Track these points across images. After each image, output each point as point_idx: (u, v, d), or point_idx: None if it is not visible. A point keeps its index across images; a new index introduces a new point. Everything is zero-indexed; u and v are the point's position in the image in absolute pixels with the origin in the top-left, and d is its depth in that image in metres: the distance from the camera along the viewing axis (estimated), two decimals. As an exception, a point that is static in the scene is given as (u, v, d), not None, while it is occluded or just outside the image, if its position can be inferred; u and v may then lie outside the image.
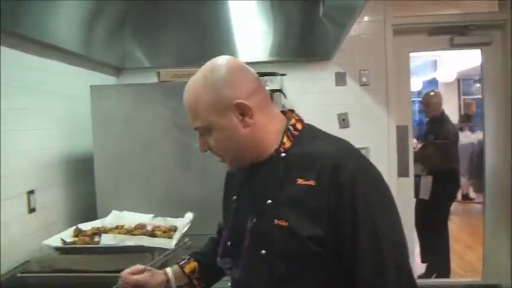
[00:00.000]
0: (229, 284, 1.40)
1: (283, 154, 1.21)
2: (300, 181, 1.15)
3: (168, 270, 1.50)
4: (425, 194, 4.39)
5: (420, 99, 6.73)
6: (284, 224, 1.15)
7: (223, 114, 1.18)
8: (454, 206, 4.90)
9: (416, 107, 7.20)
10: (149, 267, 1.47)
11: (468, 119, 8.04)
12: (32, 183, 2.41)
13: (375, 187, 1.15)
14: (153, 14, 3.50)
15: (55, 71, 2.70)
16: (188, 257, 1.54)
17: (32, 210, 2.39)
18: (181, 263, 1.52)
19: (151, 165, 2.64)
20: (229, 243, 1.32)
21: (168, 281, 1.47)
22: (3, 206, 2.15)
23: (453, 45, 3.97)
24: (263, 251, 1.18)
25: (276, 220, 1.16)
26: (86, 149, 2.85)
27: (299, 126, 1.27)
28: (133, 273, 1.44)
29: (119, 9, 3.12)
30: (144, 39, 3.60)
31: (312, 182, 1.13)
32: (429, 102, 4.76)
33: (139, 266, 1.46)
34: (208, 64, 1.23)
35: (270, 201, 1.19)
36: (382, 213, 1.12)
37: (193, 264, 1.51)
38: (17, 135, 2.30)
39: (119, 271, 1.86)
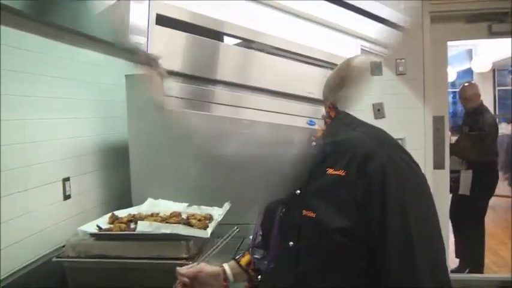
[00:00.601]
0: (259, 276, 1.39)
1: (314, 143, 1.18)
2: (330, 171, 1.12)
3: (225, 264, 1.49)
4: (465, 190, 4.22)
5: (454, 90, 6.60)
6: (312, 215, 1.12)
7: None
8: (488, 200, 4.73)
9: (450, 98, 7.05)
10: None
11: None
12: (67, 170, 2.44)
13: (406, 177, 1.10)
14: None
15: (91, 60, 2.72)
16: (244, 251, 1.53)
17: (67, 196, 2.42)
18: (237, 257, 1.51)
19: (185, 153, 2.63)
20: (260, 233, 1.31)
21: (224, 272, 1.46)
22: (39, 193, 2.19)
23: (491, 33, 3.84)
24: (291, 243, 1.16)
25: (304, 211, 1.13)
26: (121, 137, 2.87)
27: (332, 113, 1.23)
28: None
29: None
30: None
31: (341, 172, 1.10)
32: (467, 93, 4.63)
33: (191, 265, 1.47)
34: None
35: (299, 191, 1.16)
36: (413, 203, 1.07)
37: (248, 256, 1.49)
38: (53, 123, 2.33)
39: (153, 258, 1.89)
